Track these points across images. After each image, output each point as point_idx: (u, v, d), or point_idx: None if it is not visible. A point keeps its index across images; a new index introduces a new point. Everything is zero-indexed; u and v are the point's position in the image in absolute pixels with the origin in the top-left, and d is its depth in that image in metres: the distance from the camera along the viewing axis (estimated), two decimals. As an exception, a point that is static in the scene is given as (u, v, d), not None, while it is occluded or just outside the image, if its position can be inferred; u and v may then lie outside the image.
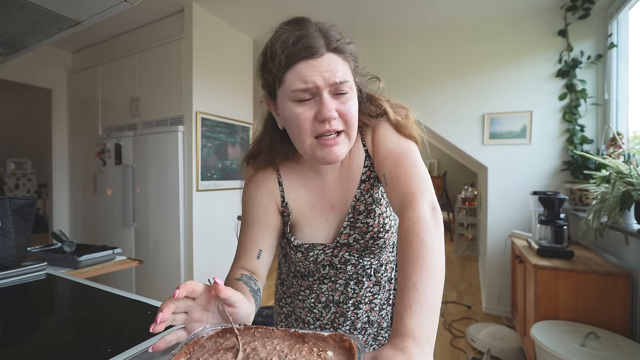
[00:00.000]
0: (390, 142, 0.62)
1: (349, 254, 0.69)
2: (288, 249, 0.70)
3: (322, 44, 0.53)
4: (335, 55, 0.54)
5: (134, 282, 2.80)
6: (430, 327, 0.40)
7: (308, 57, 0.52)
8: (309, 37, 0.53)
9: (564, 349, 1.38)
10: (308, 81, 0.53)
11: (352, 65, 0.58)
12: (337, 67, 0.54)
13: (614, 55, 2.24)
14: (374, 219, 0.67)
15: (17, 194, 5.36)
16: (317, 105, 0.54)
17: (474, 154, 2.78)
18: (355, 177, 0.67)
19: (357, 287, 0.71)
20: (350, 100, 0.57)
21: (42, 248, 1.45)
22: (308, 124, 0.55)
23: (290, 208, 0.69)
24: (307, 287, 0.74)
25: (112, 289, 0.81)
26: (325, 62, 0.53)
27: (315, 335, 0.42)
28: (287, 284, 0.79)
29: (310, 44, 0.52)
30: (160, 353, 0.51)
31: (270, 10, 2.62)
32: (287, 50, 0.53)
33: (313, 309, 0.74)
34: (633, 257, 1.67)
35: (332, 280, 0.72)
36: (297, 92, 0.54)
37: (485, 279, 2.90)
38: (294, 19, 0.57)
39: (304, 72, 0.53)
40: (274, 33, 0.57)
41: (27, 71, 3.17)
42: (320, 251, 0.68)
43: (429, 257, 0.44)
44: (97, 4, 0.73)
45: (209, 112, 2.65)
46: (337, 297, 0.72)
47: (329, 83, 0.53)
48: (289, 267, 0.77)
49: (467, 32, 2.77)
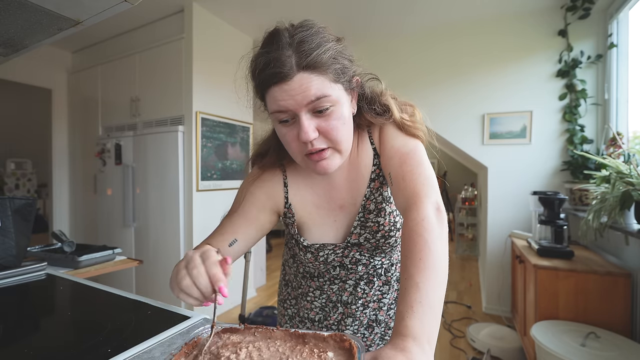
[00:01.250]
0: (397, 141, 0.61)
1: (360, 254, 0.69)
2: (297, 249, 0.70)
3: (292, 63, 0.50)
4: (308, 73, 0.51)
5: (134, 282, 2.80)
6: (432, 327, 0.39)
7: (278, 82, 0.51)
8: (277, 60, 0.50)
9: (564, 349, 1.38)
10: (281, 106, 0.52)
11: (334, 75, 0.53)
12: (310, 85, 0.51)
13: (614, 55, 2.24)
14: (385, 218, 0.66)
15: (17, 194, 5.36)
16: (298, 127, 0.53)
17: (474, 154, 2.78)
18: (365, 176, 0.67)
19: (367, 287, 0.71)
20: (333, 115, 0.54)
21: (42, 248, 1.45)
22: (294, 144, 0.56)
23: (295, 209, 0.68)
24: (317, 287, 0.74)
25: (112, 289, 0.81)
26: (296, 84, 0.50)
27: (315, 336, 0.42)
28: (294, 285, 0.79)
29: (277, 69, 0.50)
30: (160, 353, 0.51)
31: (270, 10, 2.62)
32: (259, 77, 0.53)
33: (323, 308, 0.74)
34: (633, 257, 1.67)
35: (342, 280, 0.72)
36: (276, 114, 0.54)
37: (485, 279, 2.90)
38: (268, 36, 0.54)
39: (277, 96, 0.52)
40: (253, 54, 0.56)
41: (27, 71, 3.17)
42: (330, 251, 0.68)
43: (432, 258, 0.44)
44: (97, 4, 0.73)
45: (209, 112, 2.65)
46: (345, 298, 0.72)
47: (303, 104, 0.51)
48: (297, 268, 0.77)
49: (467, 32, 2.77)
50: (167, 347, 0.54)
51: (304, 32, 0.52)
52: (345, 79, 0.56)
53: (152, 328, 0.59)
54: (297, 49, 0.51)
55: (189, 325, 0.61)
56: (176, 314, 0.66)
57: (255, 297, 3.22)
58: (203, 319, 0.64)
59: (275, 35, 0.53)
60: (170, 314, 0.66)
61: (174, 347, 0.54)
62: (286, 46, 0.51)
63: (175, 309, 0.69)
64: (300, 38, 0.52)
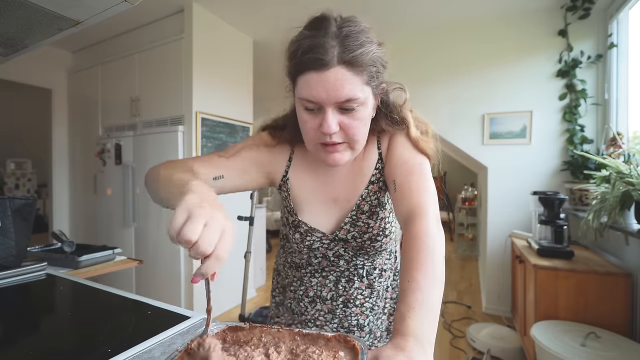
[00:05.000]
0: (406, 152, 0.63)
1: (344, 250, 0.69)
2: (288, 228, 0.71)
3: (334, 54, 0.51)
4: (346, 69, 0.51)
5: (134, 282, 2.80)
6: (431, 328, 0.41)
7: (316, 69, 0.51)
8: (321, 47, 0.51)
9: (564, 349, 1.38)
10: (312, 96, 0.53)
11: (368, 77, 0.54)
12: (344, 83, 0.52)
13: (614, 55, 2.24)
14: (376, 222, 0.68)
15: (17, 194, 5.36)
16: (321, 118, 0.55)
17: (474, 154, 2.78)
18: (365, 176, 0.68)
19: (347, 285, 0.72)
20: (357, 115, 0.55)
21: (42, 248, 1.45)
22: (312, 132, 0.57)
23: (291, 185, 0.70)
24: (298, 278, 0.74)
25: (112, 289, 0.81)
26: (332, 76, 0.51)
27: (320, 336, 0.43)
28: (283, 274, 0.80)
29: (318, 56, 0.51)
30: (160, 353, 0.51)
31: (270, 10, 2.62)
32: (297, 58, 0.53)
33: (300, 302, 0.74)
34: (633, 257, 1.67)
35: (322, 275, 0.72)
36: (304, 101, 0.55)
37: (485, 279, 2.90)
38: (315, 20, 0.55)
39: (310, 83, 0.53)
40: (297, 34, 0.56)
41: (27, 71, 3.17)
42: (317, 239, 0.68)
43: (434, 264, 0.47)
44: (97, 4, 0.73)
45: (209, 112, 2.65)
46: (325, 294, 0.72)
47: (332, 102, 0.53)
48: (286, 257, 0.78)
49: (467, 32, 2.77)
50: (167, 347, 0.54)
51: (351, 27, 0.53)
52: (375, 84, 0.57)
53: (152, 328, 0.59)
54: (342, 41, 0.52)
55: (189, 325, 0.61)
56: (176, 314, 0.66)
57: (255, 297, 3.22)
58: (203, 318, 0.64)
59: (324, 22, 0.53)
60: (170, 314, 0.66)
61: (174, 347, 0.54)
62: (332, 35, 0.52)
63: (175, 309, 0.69)
64: (347, 32, 0.52)
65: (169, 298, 2.55)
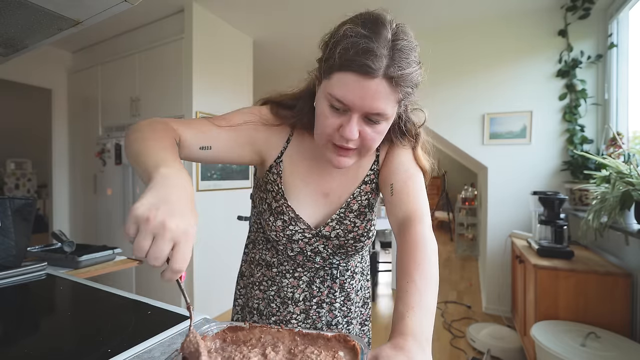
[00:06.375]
0: (406, 160, 0.65)
1: (323, 247, 0.68)
2: (269, 214, 0.68)
3: (382, 65, 0.49)
4: (387, 83, 0.50)
5: (134, 282, 2.80)
6: (429, 328, 0.42)
7: (359, 72, 0.49)
8: (372, 53, 0.48)
9: (564, 349, 1.38)
10: (346, 96, 0.51)
11: (402, 95, 0.53)
12: (381, 97, 0.50)
13: (614, 55, 2.24)
14: (362, 222, 0.68)
15: (17, 194, 5.36)
16: (344, 121, 0.54)
17: (474, 154, 2.78)
18: (359, 176, 0.69)
19: (322, 285, 0.72)
20: (378, 128, 0.55)
21: (42, 248, 1.45)
22: (329, 130, 0.56)
23: (283, 168, 0.68)
24: (269, 277, 0.72)
25: (112, 289, 0.81)
26: (373, 87, 0.49)
27: (320, 336, 0.44)
28: (247, 274, 0.78)
29: (368, 62, 0.48)
30: (160, 354, 0.51)
31: (270, 10, 2.62)
32: (345, 55, 0.50)
33: (271, 302, 0.72)
34: (633, 257, 1.67)
35: (295, 276, 0.71)
36: (333, 99, 0.52)
37: (485, 279, 2.90)
38: (373, 20, 0.51)
39: (348, 84, 0.50)
40: (348, 24, 0.52)
41: (27, 71, 3.17)
42: (300, 230, 0.67)
43: (430, 268, 0.49)
44: (97, 4, 0.73)
45: (209, 112, 2.65)
46: (297, 295, 0.71)
47: (363, 110, 0.52)
48: (255, 255, 0.75)
49: (467, 32, 2.77)
50: (167, 347, 0.54)
51: (404, 42, 0.52)
52: (405, 103, 0.58)
53: (152, 328, 0.59)
54: (393, 55, 0.50)
55: (188, 325, 0.61)
56: (176, 314, 0.66)
57: (255, 297, 3.21)
58: (203, 318, 0.64)
59: (380, 26, 0.51)
60: (170, 314, 0.66)
61: (174, 347, 0.54)
62: (385, 43, 0.50)
63: (175, 309, 0.69)
64: (400, 46, 0.51)
65: (169, 298, 2.55)
